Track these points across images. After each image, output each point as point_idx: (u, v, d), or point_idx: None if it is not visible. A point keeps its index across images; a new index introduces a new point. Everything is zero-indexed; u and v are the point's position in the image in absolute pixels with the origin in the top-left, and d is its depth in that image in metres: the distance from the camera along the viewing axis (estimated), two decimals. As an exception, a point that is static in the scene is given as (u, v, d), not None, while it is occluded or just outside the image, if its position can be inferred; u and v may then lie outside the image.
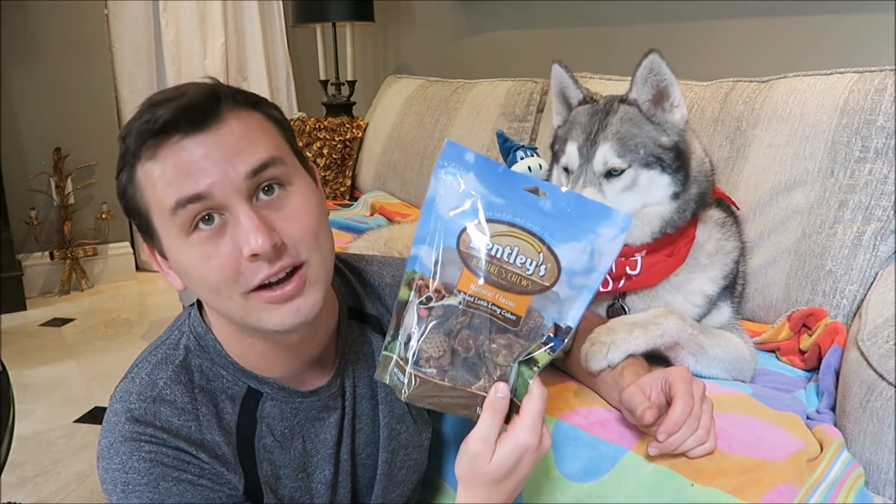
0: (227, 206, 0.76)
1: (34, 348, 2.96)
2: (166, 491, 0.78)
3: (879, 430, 0.99)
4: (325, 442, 0.93)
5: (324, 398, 0.92)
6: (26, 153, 3.52)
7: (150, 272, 3.97)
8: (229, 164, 0.75)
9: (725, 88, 1.70)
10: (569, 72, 1.22)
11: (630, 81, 1.13)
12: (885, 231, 1.35)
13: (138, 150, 0.76)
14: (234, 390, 0.87)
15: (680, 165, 1.13)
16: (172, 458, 0.80)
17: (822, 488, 0.90)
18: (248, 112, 0.80)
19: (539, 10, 2.81)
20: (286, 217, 0.78)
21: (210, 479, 0.82)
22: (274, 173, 0.78)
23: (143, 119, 0.75)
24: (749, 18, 2.07)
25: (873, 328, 1.10)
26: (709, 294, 1.21)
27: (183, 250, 0.77)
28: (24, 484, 1.98)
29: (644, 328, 1.06)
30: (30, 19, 3.44)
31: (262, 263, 0.76)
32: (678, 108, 1.13)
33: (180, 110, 0.74)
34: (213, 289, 0.77)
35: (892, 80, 1.39)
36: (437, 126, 2.69)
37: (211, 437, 0.83)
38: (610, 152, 1.10)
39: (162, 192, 0.75)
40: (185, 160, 0.75)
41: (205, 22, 3.88)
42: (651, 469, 0.94)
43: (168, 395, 0.83)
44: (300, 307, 0.79)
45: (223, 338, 0.87)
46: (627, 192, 1.11)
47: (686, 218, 1.16)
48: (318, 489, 0.93)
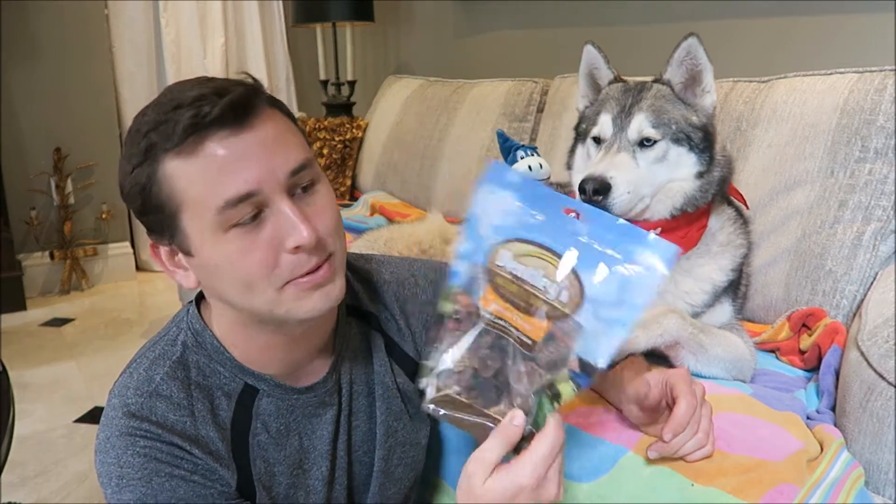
0: (268, 202, 0.77)
1: (34, 348, 2.96)
2: (158, 486, 0.79)
3: (879, 430, 0.99)
4: (322, 438, 0.93)
5: (320, 394, 0.93)
6: (26, 153, 3.52)
7: (150, 272, 3.97)
8: (272, 161, 0.76)
9: (725, 88, 1.71)
10: (601, 52, 1.26)
11: (666, 63, 1.18)
12: (885, 231, 1.35)
13: (178, 143, 0.74)
14: (230, 387, 0.88)
15: (706, 146, 1.17)
16: (166, 454, 0.80)
17: (823, 488, 0.90)
18: (274, 111, 0.81)
19: (539, 10, 2.81)
20: (317, 213, 0.81)
21: (202, 475, 0.82)
22: (309, 174, 0.81)
23: (188, 114, 0.73)
24: (749, 18, 2.07)
25: (873, 328, 1.10)
26: (717, 282, 1.23)
27: (218, 246, 0.77)
28: (24, 484, 1.98)
29: (644, 327, 1.06)
30: (30, 19, 3.44)
31: (302, 256, 0.78)
32: (709, 94, 1.18)
33: (228, 106, 0.74)
34: (247, 283, 0.78)
35: (892, 80, 1.39)
36: (437, 126, 2.69)
37: (205, 432, 0.84)
38: (645, 122, 1.15)
39: (205, 190, 0.75)
40: (232, 158, 0.75)
41: (205, 22, 3.88)
42: (651, 469, 0.94)
43: (164, 390, 0.84)
44: (330, 293, 0.82)
45: (224, 333, 0.88)
46: (657, 164, 1.15)
47: (707, 199, 1.19)
48: (314, 486, 0.93)
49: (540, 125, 2.35)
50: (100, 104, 3.69)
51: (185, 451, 0.82)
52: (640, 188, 1.13)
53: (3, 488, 1.91)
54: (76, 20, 3.55)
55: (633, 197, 1.12)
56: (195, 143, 0.74)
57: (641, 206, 1.15)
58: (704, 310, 1.22)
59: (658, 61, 2.38)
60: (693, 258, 1.22)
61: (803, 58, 1.90)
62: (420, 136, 2.74)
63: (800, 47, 1.94)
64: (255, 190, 0.75)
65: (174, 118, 0.74)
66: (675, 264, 1.19)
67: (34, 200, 3.56)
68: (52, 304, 3.50)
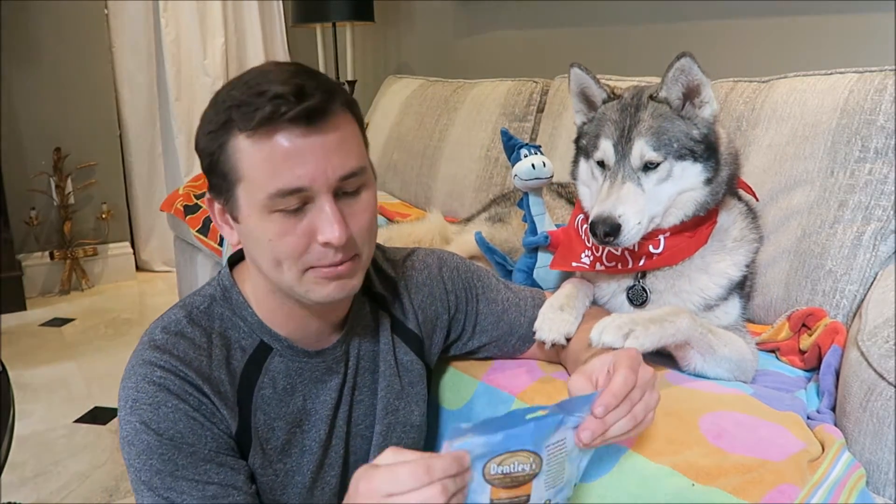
0: (314, 198, 0.86)
1: (34, 348, 2.96)
2: (163, 415, 0.87)
3: (879, 430, 0.99)
4: (325, 404, 1.01)
5: (328, 360, 1.01)
6: (26, 153, 3.53)
7: (150, 272, 3.97)
8: (327, 163, 0.84)
9: (725, 88, 1.71)
10: (589, 73, 1.24)
11: (661, 81, 1.16)
12: (885, 231, 1.35)
13: (254, 128, 0.82)
14: (247, 342, 0.97)
15: (710, 154, 1.16)
16: (177, 388, 0.88)
17: (824, 489, 0.90)
18: (346, 115, 0.88)
19: (539, 10, 2.81)
20: (355, 214, 0.89)
21: (204, 414, 0.90)
22: (358, 181, 0.89)
23: (267, 107, 0.81)
24: (749, 18, 2.07)
25: (873, 328, 1.10)
26: (732, 277, 1.23)
27: (261, 223, 0.86)
28: (24, 484, 1.98)
29: (660, 324, 1.07)
30: (30, 19, 3.44)
31: (330, 250, 0.87)
32: (708, 105, 1.17)
33: (304, 111, 0.82)
34: (276, 260, 0.88)
35: (892, 80, 1.39)
36: (437, 126, 2.69)
37: (218, 374, 0.93)
38: (646, 147, 1.14)
39: (264, 176, 0.83)
40: (294, 155, 0.83)
41: (205, 22, 3.88)
42: (652, 468, 0.94)
43: (188, 332, 0.94)
44: (345, 286, 0.91)
45: (252, 293, 0.98)
46: (664, 183, 1.15)
47: (718, 199, 1.19)
48: (310, 446, 1.00)
49: (540, 125, 2.35)
50: (100, 104, 3.69)
51: (195, 388, 0.89)
52: (650, 210, 1.14)
53: (3, 488, 1.91)
54: (76, 20, 3.55)
55: (643, 224, 1.13)
56: (267, 133, 0.82)
57: (653, 226, 1.16)
58: (719, 303, 1.22)
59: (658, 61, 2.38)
60: (707, 255, 1.22)
61: (803, 58, 1.90)
62: (420, 136, 2.74)
63: (800, 47, 1.94)
64: (306, 187, 0.84)
65: (255, 104, 0.82)
66: (690, 262, 1.20)
67: (34, 200, 3.56)
68: (52, 304, 3.50)
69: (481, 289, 1.18)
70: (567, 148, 1.35)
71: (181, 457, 0.87)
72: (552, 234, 1.44)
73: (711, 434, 0.98)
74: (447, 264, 1.17)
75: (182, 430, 0.88)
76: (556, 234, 1.44)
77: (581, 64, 1.25)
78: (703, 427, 0.99)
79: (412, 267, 1.14)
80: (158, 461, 0.87)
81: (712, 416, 1.01)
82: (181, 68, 3.84)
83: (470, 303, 1.17)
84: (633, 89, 1.22)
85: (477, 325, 1.19)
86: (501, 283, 1.23)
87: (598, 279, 1.29)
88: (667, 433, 0.99)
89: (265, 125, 0.82)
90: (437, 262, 1.16)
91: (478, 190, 2.42)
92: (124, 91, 3.79)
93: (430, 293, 1.13)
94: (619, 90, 1.24)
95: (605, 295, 1.28)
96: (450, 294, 1.15)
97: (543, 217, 1.47)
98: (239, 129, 0.83)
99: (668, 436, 0.98)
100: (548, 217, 1.48)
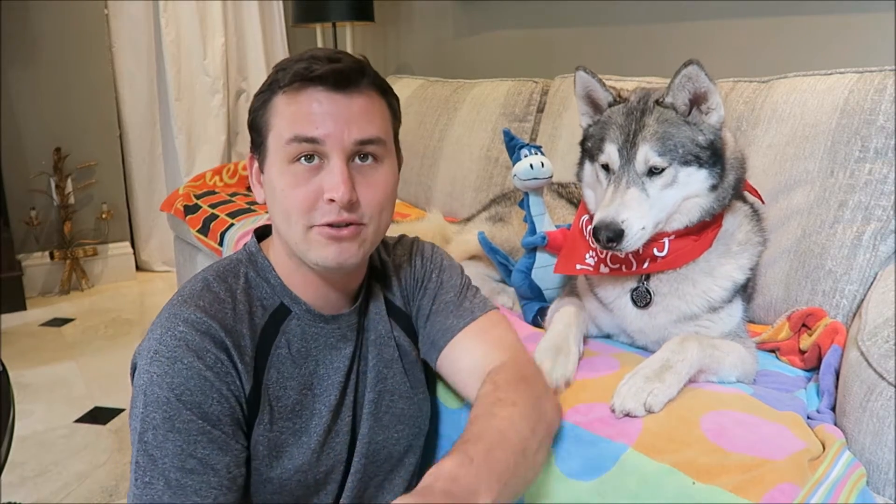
0: (328, 156, 0.94)
1: (34, 348, 2.96)
2: (177, 371, 0.91)
3: (879, 430, 0.99)
4: (337, 370, 1.06)
5: (343, 327, 1.07)
6: (26, 153, 3.53)
7: (150, 272, 3.97)
8: (346, 126, 0.94)
9: (725, 88, 1.71)
10: (594, 76, 1.24)
11: (667, 86, 1.15)
12: (884, 231, 1.35)
13: (287, 84, 0.94)
14: (269, 301, 1.03)
15: (716, 160, 1.16)
16: (197, 344, 0.93)
17: (824, 488, 0.90)
18: (379, 95, 0.99)
19: (539, 10, 2.81)
20: (367, 185, 0.97)
21: (217, 374, 0.93)
22: (374, 149, 0.97)
23: (302, 65, 0.93)
24: (749, 18, 2.07)
25: (873, 328, 1.10)
26: (737, 281, 1.23)
27: (280, 173, 0.95)
28: (24, 484, 1.98)
29: (674, 370, 1.07)
30: (30, 19, 3.44)
31: (334, 208, 0.94)
32: (715, 112, 1.16)
33: (331, 71, 0.93)
34: (286, 213, 0.96)
35: (892, 80, 1.39)
36: (437, 126, 2.69)
37: (240, 327, 0.98)
38: (651, 152, 1.13)
39: (287, 124, 0.94)
40: (317, 110, 0.94)
41: (205, 22, 3.88)
42: (652, 467, 0.94)
43: (215, 287, 1.00)
44: (343, 252, 0.97)
45: (276, 259, 1.05)
46: (668, 189, 1.14)
47: (724, 205, 1.19)
48: (319, 410, 1.04)
49: (540, 125, 2.35)
50: (100, 104, 3.69)
51: (214, 344, 0.94)
52: (654, 216, 1.13)
53: (3, 488, 1.91)
54: (76, 20, 3.55)
55: (648, 229, 1.12)
56: (298, 89, 0.94)
57: (657, 230, 1.16)
58: (723, 305, 1.22)
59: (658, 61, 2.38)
60: (712, 259, 1.22)
61: (803, 58, 1.90)
62: (420, 136, 2.74)
63: (800, 47, 1.94)
64: (321, 139, 0.93)
65: (292, 67, 0.94)
66: (695, 265, 1.20)
67: (34, 200, 3.56)
68: (52, 304, 3.50)
69: (435, 284, 1.17)
70: (567, 148, 1.36)
71: (182, 415, 0.90)
72: (550, 234, 1.44)
73: (712, 433, 0.98)
74: (420, 251, 1.21)
75: (192, 387, 0.91)
76: (553, 235, 1.44)
77: (587, 67, 1.25)
78: (703, 426, 0.99)
79: (397, 251, 1.20)
80: (160, 415, 0.90)
81: (713, 415, 1.02)
82: (181, 68, 3.84)
83: (418, 292, 1.18)
84: (639, 92, 1.22)
85: (418, 317, 1.17)
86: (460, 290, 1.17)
87: (602, 281, 1.29)
88: (668, 432, 0.99)
89: (297, 80, 0.93)
90: (413, 248, 1.21)
91: (478, 190, 2.42)
92: (124, 91, 3.78)
93: (409, 274, 1.18)
94: (626, 93, 1.23)
95: (609, 297, 1.28)
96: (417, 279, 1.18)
97: (543, 217, 1.47)
98: (278, 87, 0.95)
99: (669, 434, 0.98)
100: (547, 217, 1.48)
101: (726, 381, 1.16)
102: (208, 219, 2.61)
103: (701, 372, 1.13)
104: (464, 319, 1.11)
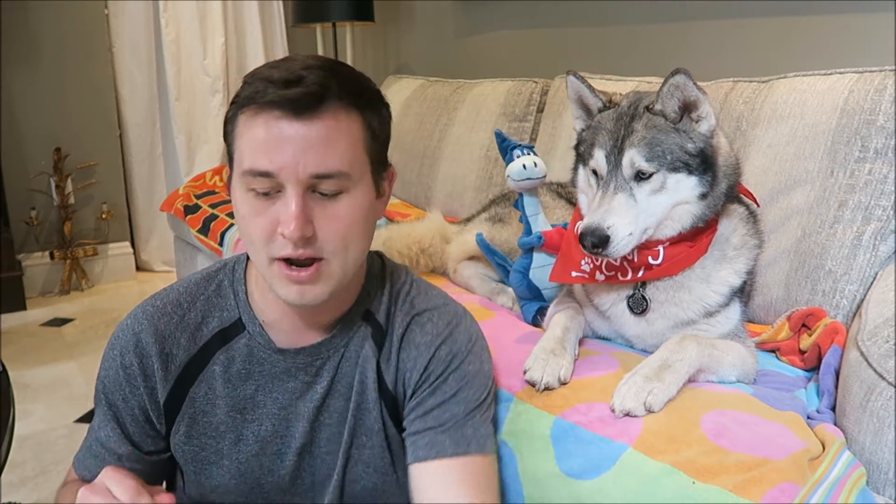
0: (284, 186, 0.86)
1: (34, 348, 2.96)
2: (106, 357, 1.00)
3: (879, 430, 0.99)
4: (276, 401, 1.00)
5: (297, 361, 0.99)
6: (26, 153, 3.52)
7: (150, 272, 3.97)
8: (303, 157, 0.85)
9: (725, 88, 1.71)
10: (584, 81, 1.24)
11: (657, 94, 1.14)
12: (884, 231, 1.35)
13: (244, 105, 0.87)
14: (228, 314, 1.01)
15: (707, 168, 1.15)
16: (123, 341, 0.99)
17: (824, 487, 0.90)
18: (348, 113, 0.88)
19: (539, 10, 2.81)
20: (327, 217, 0.88)
21: (128, 374, 0.98)
22: (333, 185, 0.87)
23: (257, 87, 0.85)
24: (749, 18, 2.07)
25: (873, 328, 1.10)
26: (734, 285, 1.23)
27: (241, 199, 0.90)
28: (24, 484, 1.98)
29: (673, 369, 1.08)
30: (30, 19, 3.44)
31: (289, 244, 0.86)
32: (705, 120, 1.15)
33: (285, 99, 0.84)
34: (251, 240, 0.90)
35: (892, 80, 1.39)
36: (437, 126, 2.69)
37: (178, 335, 0.99)
38: (637, 157, 1.13)
39: (243, 152, 0.87)
40: (273, 136, 0.85)
41: (205, 22, 3.88)
42: (652, 467, 0.94)
43: (185, 289, 1.02)
44: (305, 293, 0.90)
45: (255, 272, 1.00)
46: (657, 195, 1.14)
47: (717, 211, 1.19)
48: (247, 437, 1.00)
49: (540, 125, 2.35)
50: (100, 104, 3.68)
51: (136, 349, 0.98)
52: (642, 221, 1.13)
53: (3, 488, 1.91)
54: (76, 20, 3.54)
55: (635, 236, 1.12)
56: (253, 113, 0.86)
57: (646, 237, 1.15)
58: (720, 309, 1.22)
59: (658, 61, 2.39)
60: (708, 265, 1.21)
61: (803, 58, 1.90)
62: (420, 136, 2.74)
63: (800, 47, 1.94)
64: (274, 172, 0.85)
65: (249, 87, 0.87)
66: (690, 272, 1.19)
67: (34, 200, 3.56)
68: (52, 304, 3.50)
69: (450, 390, 0.99)
70: (567, 148, 1.36)
71: (100, 397, 1.01)
72: (546, 234, 1.44)
73: (712, 433, 0.98)
74: (452, 340, 1.01)
75: (110, 377, 0.99)
76: (550, 235, 1.44)
77: (576, 72, 1.25)
78: (704, 426, 1.00)
79: (426, 325, 1.02)
80: (99, 386, 1.01)
81: (713, 415, 1.02)
82: (181, 68, 3.84)
83: (424, 386, 1.00)
84: (631, 96, 1.21)
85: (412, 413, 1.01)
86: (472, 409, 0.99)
87: (598, 288, 1.29)
88: (668, 431, 0.99)
89: (250, 104, 0.86)
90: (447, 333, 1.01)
91: (478, 190, 2.42)
92: (124, 91, 3.78)
93: (419, 358, 1.00)
94: (618, 97, 1.23)
95: (606, 303, 1.28)
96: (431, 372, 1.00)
97: (538, 217, 1.47)
98: (239, 105, 0.88)
99: (669, 434, 0.98)
100: (542, 217, 1.48)
101: (726, 381, 1.16)
102: (208, 219, 2.61)
103: (700, 371, 1.13)
104: (458, 447, 0.95)
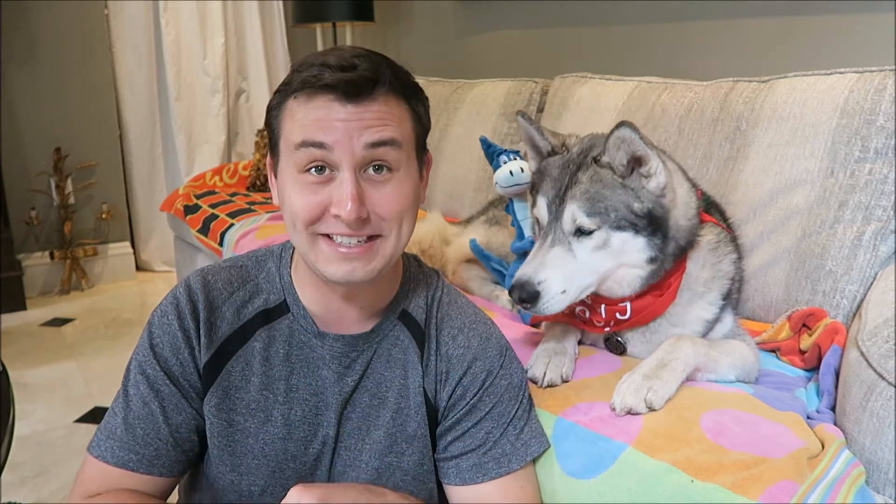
0: (338, 166, 0.89)
1: (34, 348, 2.96)
2: (160, 324, 1.01)
3: (879, 430, 0.99)
4: (309, 386, 1.01)
5: (333, 350, 1.00)
6: (26, 153, 3.52)
7: (150, 272, 3.97)
8: (357, 134, 0.88)
9: (725, 88, 1.71)
10: (532, 123, 1.20)
11: (603, 144, 1.09)
12: (885, 231, 1.35)
13: (297, 90, 0.90)
14: (274, 296, 1.03)
15: (656, 229, 1.09)
16: (183, 306, 1.00)
17: (823, 486, 0.90)
18: (398, 100, 0.93)
19: (539, 10, 2.81)
20: (381, 196, 0.91)
21: (186, 336, 0.99)
22: (387, 154, 0.90)
23: (312, 72, 0.88)
24: (749, 18, 2.07)
25: (873, 328, 1.10)
26: (709, 319, 1.21)
27: (290, 179, 0.92)
28: (24, 484, 1.98)
29: (670, 367, 1.07)
30: (30, 19, 3.44)
31: (341, 223, 0.89)
32: (654, 177, 1.09)
33: (342, 82, 0.87)
34: (292, 220, 0.92)
35: (892, 80, 1.39)
36: (436, 126, 2.69)
37: (225, 310, 1.01)
38: (578, 212, 1.07)
39: (296, 128, 0.90)
40: (326, 116, 0.88)
41: (205, 22, 3.88)
42: (652, 465, 0.94)
43: (236, 269, 1.05)
44: (356, 269, 0.92)
45: (297, 260, 1.03)
46: (599, 252, 1.08)
47: (668, 269, 1.14)
48: (276, 418, 1.00)
49: (540, 125, 2.35)
50: (100, 104, 3.69)
51: (193, 312, 0.99)
52: (579, 280, 1.07)
53: (3, 488, 1.91)
54: (76, 20, 3.55)
55: (570, 293, 1.06)
56: (308, 96, 0.89)
57: (585, 294, 1.10)
58: (705, 333, 1.22)
59: (658, 61, 2.38)
60: (678, 309, 1.18)
61: (803, 58, 1.90)
62: (420, 136, 2.73)
63: (800, 47, 1.94)
64: (328, 144, 0.88)
65: (303, 72, 0.90)
66: (661, 318, 1.16)
67: (34, 200, 3.56)
68: (52, 304, 3.50)
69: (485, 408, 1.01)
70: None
71: (152, 361, 0.99)
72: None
73: (712, 432, 0.98)
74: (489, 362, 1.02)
75: (166, 342, 0.99)
76: (540, 238, 1.43)
77: (526, 114, 1.21)
78: (703, 424, 1.00)
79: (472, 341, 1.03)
80: (139, 357, 1.00)
81: (713, 414, 1.02)
82: (181, 68, 3.84)
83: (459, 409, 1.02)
84: (585, 141, 1.16)
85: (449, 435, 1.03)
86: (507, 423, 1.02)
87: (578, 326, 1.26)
88: (667, 430, 0.99)
89: (305, 88, 0.89)
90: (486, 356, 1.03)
91: (478, 190, 2.42)
92: (124, 91, 3.79)
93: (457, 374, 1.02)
94: (572, 140, 1.18)
95: (588, 339, 1.28)
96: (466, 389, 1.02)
97: (528, 221, 1.47)
98: (290, 92, 0.91)
99: (669, 433, 0.99)
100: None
101: (725, 380, 1.16)
102: (208, 219, 2.61)
103: (698, 370, 1.13)
104: (501, 468, 0.99)
